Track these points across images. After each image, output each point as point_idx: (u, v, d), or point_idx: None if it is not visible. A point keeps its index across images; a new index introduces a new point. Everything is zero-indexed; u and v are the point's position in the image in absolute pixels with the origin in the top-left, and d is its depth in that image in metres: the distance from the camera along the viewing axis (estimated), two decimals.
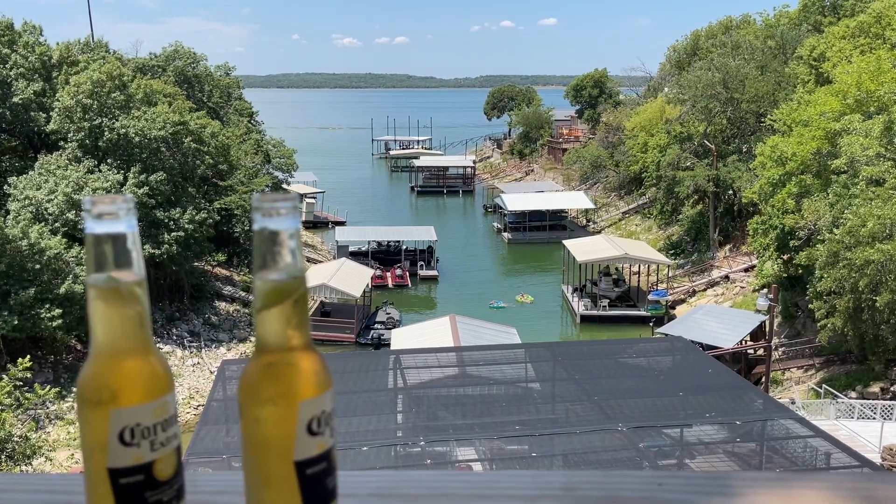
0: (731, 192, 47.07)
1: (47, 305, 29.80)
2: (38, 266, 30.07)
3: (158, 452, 0.76)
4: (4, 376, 19.98)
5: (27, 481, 0.87)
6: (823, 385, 29.86)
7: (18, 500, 0.82)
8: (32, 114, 39.06)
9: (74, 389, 0.78)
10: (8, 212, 34.39)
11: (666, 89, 60.70)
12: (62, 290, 30.24)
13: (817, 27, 50.67)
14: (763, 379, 29.96)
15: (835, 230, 27.35)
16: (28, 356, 20.78)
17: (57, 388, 23.59)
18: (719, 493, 0.82)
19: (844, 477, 0.85)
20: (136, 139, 36.93)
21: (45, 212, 34.02)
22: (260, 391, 0.77)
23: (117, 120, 37.37)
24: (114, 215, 0.75)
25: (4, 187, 36.49)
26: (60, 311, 29.77)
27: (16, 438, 18.61)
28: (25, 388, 21.28)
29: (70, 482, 0.86)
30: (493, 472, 0.84)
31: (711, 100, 47.07)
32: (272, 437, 0.76)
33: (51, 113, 38.74)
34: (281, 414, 0.76)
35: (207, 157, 40.14)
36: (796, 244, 31.47)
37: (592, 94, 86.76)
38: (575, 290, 45.27)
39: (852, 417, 25.95)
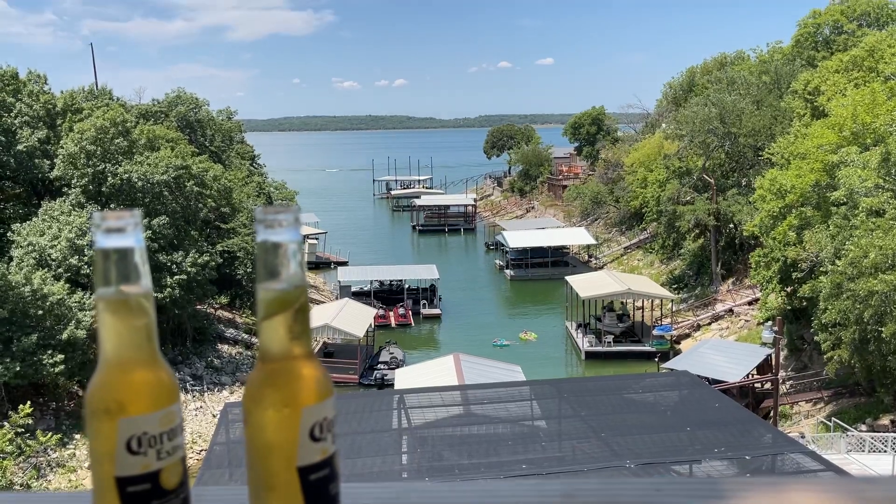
0: (731, 225, 47.19)
1: (49, 351, 29.70)
2: (40, 312, 30.06)
3: (165, 461, 0.77)
4: (6, 423, 19.85)
5: (37, 499, 0.89)
6: (833, 418, 29.52)
7: None
8: (37, 161, 39.48)
9: (85, 401, 0.79)
10: (11, 258, 34.51)
11: (663, 125, 61.30)
12: (64, 335, 30.18)
13: (811, 62, 51.35)
14: (771, 413, 29.65)
15: (837, 261, 27.33)
16: (29, 403, 20.68)
17: (58, 435, 23.43)
18: (716, 496, 0.83)
19: (836, 480, 0.86)
20: (139, 184, 37.25)
21: (48, 258, 34.14)
22: (264, 397, 0.78)
23: (120, 165, 37.74)
24: (122, 230, 0.78)
25: (8, 234, 36.69)
26: (62, 356, 29.66)
27: (17, 487, 18.42)
28: (27, 435, 21.13)
29: (76, 500, 0.87)
30: (494, 481, 0.85)
31: (709, 134, 47.48)
32: (276, 443, 0.77)
33: (55, 160, 39.14)
34: (284, 420, 0.77)
35: (210, 200, 40.42)
36: (799, 276, 31.43)
37: (590, 132, 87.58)
38: (579, 326, 45.09)
39: (863, 451, 25.61)
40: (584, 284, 45.49)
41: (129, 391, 0.77)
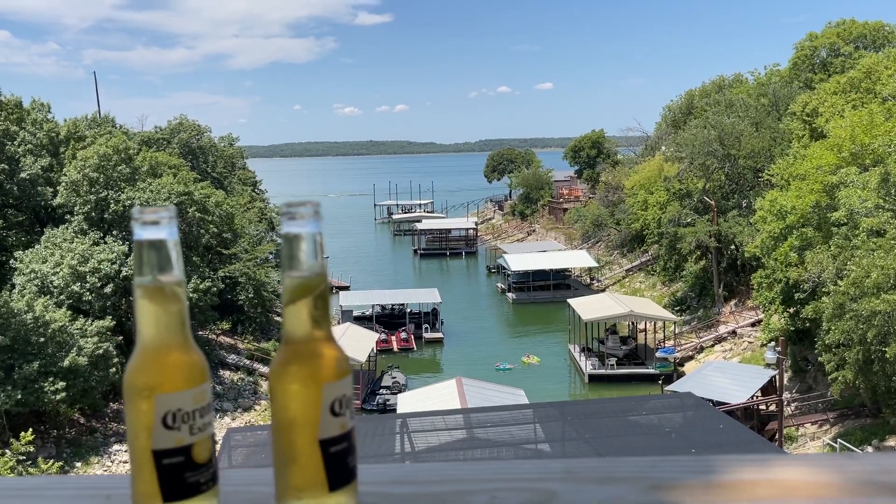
0: (733, 246, 47.25)
1: (51, 379, 29.65)
2: (42, 339, 30.06)
3: (197, 436, 0.83)
4: (7, 451, 19.78)
5: (73, 482, 0.95)
6: (838, 440, 29.32)
7: (64, 496, 0.89)
8: (39, 188, 39.72)
9: (124, 381, 0.85)
10: (14, 286, 34.59)
11: (663, 147, 61.63)
12: (66, 362, 30.14)
13: (808, 84, 51.79)
14: (776, 435, 29.48)
15: (839, 282, 27.35)
16: (31, 430, 20.59)
17: (60, 463, 23.31)
18: (708, 471, 0.89)
19: (820, 457, 0.92)
20: None
21: (50, 285, 34.22)
22: (287, 375, 0.85)
23: (123, 192, 37.96)
24: (157, 223, 0.85)
25: (10, 262, 36.80)
26: (64, 384, 29.60)
27: None
28: (28, 463, 21.03)
29: (111, 481, 0.93)
30: (499, 461, 0.91)
31: (708, 157, 47.73)
32: (299, 417, 0.83)
33: (57, 187, 39.38)
34: (307, 395, 0.84)
35: (212, 225, 40.59)
36: (801, 297, 31.41)
37: (591, 155, 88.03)
38: (582, 349, 44.97)
39: None
40: (587, 307, 45.44)
41: (165, 370, 0.84)
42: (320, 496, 0.83)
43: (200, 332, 41.39)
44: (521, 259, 63.21)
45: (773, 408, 32.11)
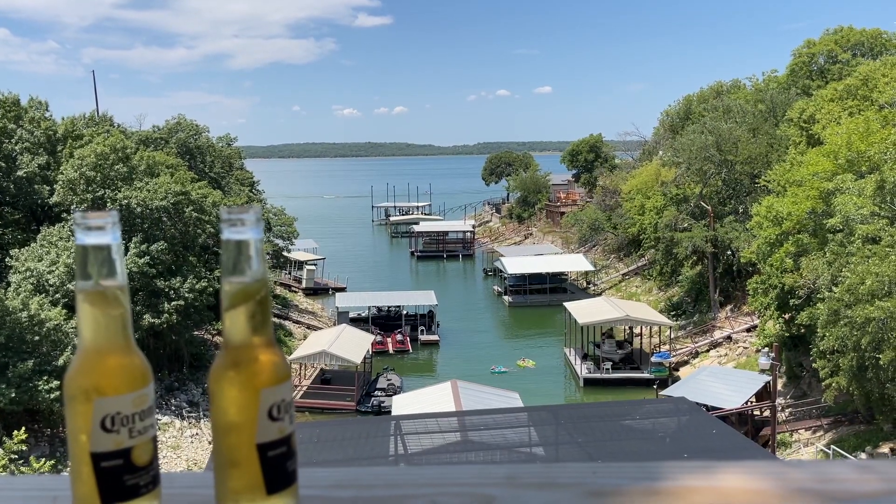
0: (729, 252, 47.32)
1: (45, 377, 29.61)
2: (37, 338, 30.02)
3: (136, 440, 0.84)
4: (0, 449, 19.74)
5: (20, 482, 0.95)
6: (832, 446, 29.35)
7: (11, 497, 0.90)
8: (36, 187, 39.67)
9: (63, 382, 0.87)
10: (9, 284, 34.54)
11: (661, 152, 61.73)
12: (61, 361, 30.10)
13: (806, 91, 51.91)
14: (770, 441, 29.50)
15: (834, 288, 27.40)
16: (24, 428, 20.56)
17: (52, 461, 23.25)
18: (649, 478, 0.89)
19: (761, 463, 0.93)
20: (138, 209, 37.40)
21: (45, 283, 34.17)
22: (226, 379, 0.85)
23: (120, 191, 37.92)
24: (101, 228, 0.85)
25: (6, 260, 36.74)
26: (58, 382, 29.55)
27: None
28: (21, 462, 20.98)
29: (58, 482, 0.94)
30: (442, 466, 0.92)
31: (706, 162, 47.81)
32: (237, 422, 0.84)
33: (54, 186, 39.33)
34: (244, 400, 0.84)
35: (209, 225, 40.54)
36: (797, 303, 31.45)
37: (588, 159, 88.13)
38: (578, 353, 44.98)
39: None
40: (583, 311, 45.46)
41: (105, 374, 0.84)
42: (258, 500, 0.83)
43: (197, 332, 41.33)
44: (517, 262, 63.25)
45: (766, 413, 32.15)
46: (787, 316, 34.37)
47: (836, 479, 0.90)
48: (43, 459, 21.15)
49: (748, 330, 44.83)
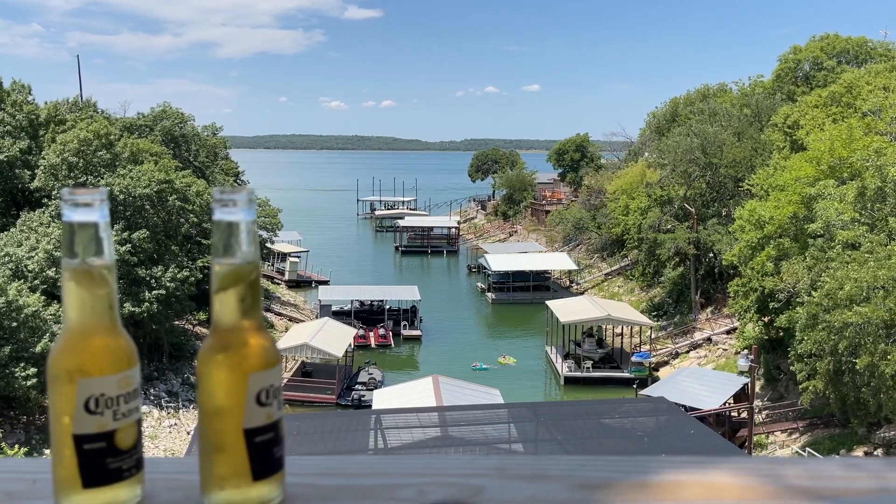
0: (711, 254, 47.67)
1: (22, 364, 29.27)
2: (15, 324, 29.66)
3: (121, 422, 0.82)
4: None
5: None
6: (807, 449, 29.69)
7: None
8: (17, 171, 39.17)
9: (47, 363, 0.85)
10: None
11: (646, 154, 62.04)
12: (38, 348, 29.77)
13: (791, 96, 52.37)
14: (747, 442, 29.80)
15: (813, 293, 27.69)
16: None
17: (27, 449, 23.02)
18: (638, 472, 0.89)
19: (754, 461, 0.93)
20: (121, 197, 37.03)
21: (24, 269, 33.76)
22: (214, 362, 0.84)
23: (102, 178, 37.53)
24: (89, 205, 0.83)
25: None
26: (35, 370, 29.23)
27: None
28: None
29: (37, 465, 0.92)
30: (431, 456, 0.91)
31: (690, 164, 48.12)
32: (224, 406, 0.82)
33: (36, 170, 38.84)
34: (232, 384, 0.83)
35: (192, 215, 40.24)
36: (776, 306, 31.77)
37: (574, 158, 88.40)
38: (559, 352, 45.15)
39: None
40: (565, 309, 45.63)
41: (90, 354, 0.82)
42: (243, 486, 0.82)
43: (177, 322, 41.03)
44: (501, 259, 63.36)
45: (744, 415, 32.47)
46: (766, 319, 34.71)
47: (825, 475, 0.90)
48: (17, 446, 20.92)
49: (728, 332, 45.21)
